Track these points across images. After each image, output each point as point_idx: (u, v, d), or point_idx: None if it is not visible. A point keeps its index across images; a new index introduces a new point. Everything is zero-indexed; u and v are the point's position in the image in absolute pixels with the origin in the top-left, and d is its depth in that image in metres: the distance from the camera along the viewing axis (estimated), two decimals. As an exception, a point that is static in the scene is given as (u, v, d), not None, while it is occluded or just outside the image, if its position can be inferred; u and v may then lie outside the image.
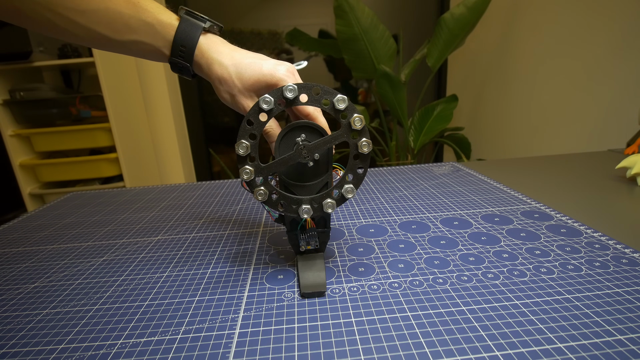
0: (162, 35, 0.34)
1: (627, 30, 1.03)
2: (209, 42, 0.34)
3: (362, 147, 0.32)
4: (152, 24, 0.33)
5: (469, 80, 1.92)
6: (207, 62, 0.34)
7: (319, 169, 0.34)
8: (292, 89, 0.30)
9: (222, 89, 0.35)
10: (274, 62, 0.34)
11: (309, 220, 0.35)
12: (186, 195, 0.66)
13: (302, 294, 0.33)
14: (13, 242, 0.50)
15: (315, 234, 0.36)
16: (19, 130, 1.48)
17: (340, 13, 1.46)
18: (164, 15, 0.33)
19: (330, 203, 0.32)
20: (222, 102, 0.36)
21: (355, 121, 0.31)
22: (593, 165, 0.69)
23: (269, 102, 0.31)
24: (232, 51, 0.34)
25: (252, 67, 0.33)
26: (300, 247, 0.36)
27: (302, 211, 0.32)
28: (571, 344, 0.25)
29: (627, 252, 0.38)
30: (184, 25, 0.33)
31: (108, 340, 0.29)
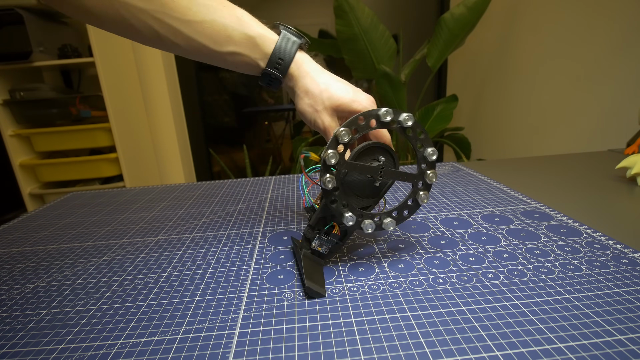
0: (261, 49, 0.35)
1: (627, 30, 1.03)
2: (303, 57, 0.37)
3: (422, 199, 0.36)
4: (254, 37, 0.35)
5: (469, 80, 1.92)
6: (300, 74, 0.36)
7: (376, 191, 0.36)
8: (387, 112, 0.33)
9: (307, 102, 0.36)
10: (355, 90, 0.36)
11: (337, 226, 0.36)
12: (186, 195, 0.66)
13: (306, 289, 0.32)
14: (13, 242, 0.50)
15: (334, 240, 0.37)
16: (19, 130, 1.48)
17: (340, 13, 1.46)
18: (264, 29, 0.35)
19: (390, 222, 0.35)
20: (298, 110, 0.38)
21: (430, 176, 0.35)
22: (593, 165, 0.69)
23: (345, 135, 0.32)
24: (322, 70, 0.37)
25: (341, 91, 0.36)
26: (312, 244, 0.37)
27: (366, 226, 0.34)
28: (571, 344, 0.25)
29: (627, 252, 0.38)
30: (283, 40, 0.35)
31: (108, 340, 0.29)
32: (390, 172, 0.34)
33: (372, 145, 0.35)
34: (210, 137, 2.15)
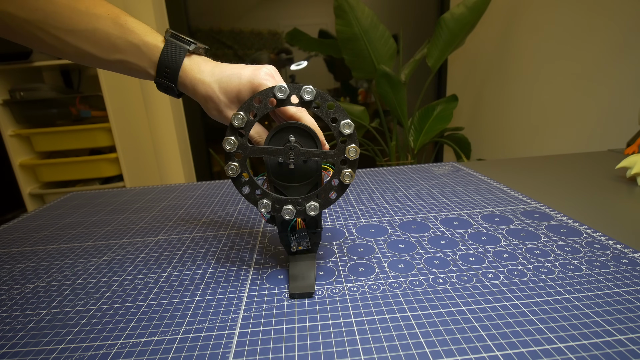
0: (147, 57, 0.35)
1: (627, 30, 1.03)
2: (192, 64, 0.35)
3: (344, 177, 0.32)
4: (138, 45, 0.34)
5: (469, 80, 1.92)
6: (191, 83, 0.35)
7: (308, 171, 0.34)
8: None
9: (210, 107, 0.36)
10: (253, 68, 0.35)
11: (299, 221, 0.35)
12: (186, 195, 0.66)
13: (289, 295, 0.33)
14: (13, 242, 0.50)
15: (307, 234, 0.36)
16: (19, 130, 1.48)
17: (340, 13, 1.46)
18: (149, 37, 0.35)
19: (313, 206, 0.33)
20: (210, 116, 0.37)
21: (350, 151, 0.32)
22: (593, 165, 0.69)
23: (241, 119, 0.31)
24: (212, 67, 0.35)
25: (232, 79, 0.34)
26: (291, 247, 0.36)
27: (284, 212, 0.33)
28: (571, 344, 0.25)
29: (627, 252, 0.38)
30: (168, 48, 0.34)
31: (108, 340, 0.29)
32: (303, 152, 0.32)
33: (283, 127, 0.33)
34: (210, 137, 2.14)
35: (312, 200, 0.33)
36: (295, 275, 0.35)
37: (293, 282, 0.34)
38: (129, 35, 0.34)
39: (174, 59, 0.35)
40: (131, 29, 0.34)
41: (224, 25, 1.98)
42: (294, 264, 0.36)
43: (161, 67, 0.35)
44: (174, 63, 0.35)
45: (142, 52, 0.34)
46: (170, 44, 0.35)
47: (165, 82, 0.35)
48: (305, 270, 0.35)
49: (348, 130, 0.31)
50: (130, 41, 0.34)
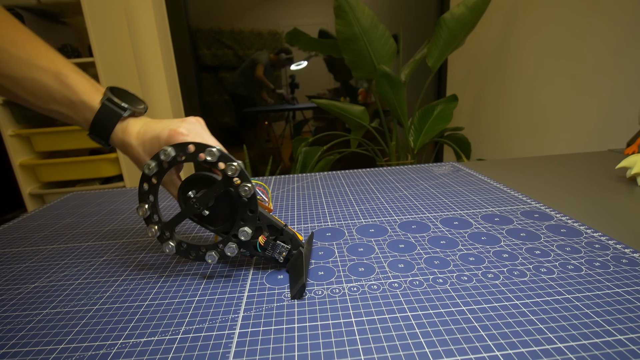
0: (82, 114, 0.36)
1: (627, 30, 1.03)
2: (123, 127, 0.37)
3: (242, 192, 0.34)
4: (75, 103, 0.35)
5: (469, 80, 1.92)
6: (120, 144, 0.37)
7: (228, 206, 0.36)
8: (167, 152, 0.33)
9: (139, 166, 0.37)
10: (174, 127, 0.35)
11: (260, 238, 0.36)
12: (186, 195, 0.66)
13: (291, 298, 0.33)
14: (13, 242, 0.50)
15: (276, 242, 0.36)
16: (19, 130, 1.48)
17: (340, 13, 1.46)
18: (87, 96, 0.35)
19: (231, 247, 0.35)
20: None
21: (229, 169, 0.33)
22: (593, 165, 0.69)
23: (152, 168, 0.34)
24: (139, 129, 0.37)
25: (154, 142, 0.35)
26: (278, 260, 0.37)
27: (208, 257, 0.35)
28: (571, 344, 0.25)
29: (627, 252, 0.38)
30: (103, 111, 0.36)
31: (108, 340, 0.29)
32: (202, 199, 0.34)
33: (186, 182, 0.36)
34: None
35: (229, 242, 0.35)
36: (292, 278, 0.36)
37: (291, 285, 0.35)
38: (67, 91, 0.35)
39: (106, 122, 0.36)
40: (70, 85, 0.35)
41: (224, 25, 1.98)
42: (290, 270, 0.37)
43: (94, 127, 0.36)
44: (105, 128, 0.36)
45: (78, 109, 0.36)
46: (105, 108, 0.36)
47: (97, 139, 0.37)
48: (297, 268, 0.36)
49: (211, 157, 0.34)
50: (68, 97, 0.35)
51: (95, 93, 0.36)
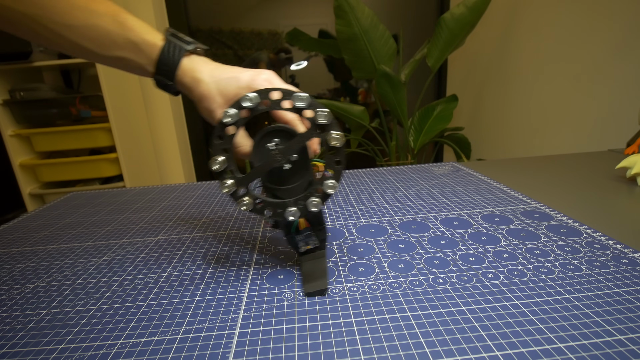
0: (146, 54, 0.35)
1: (627, 30, 1.03)
2: (191, 63, 0.35)
3: (331, 141, 0.32)
4: (137, 43, 0.34)
5: (469, 80, 1.92)
6: (189, 81, 0.35)
7: (299, 169, 0.34)
8: (250, 98, 0.31)
9: (203, 106, 0.36)
10: (252, 72, 0.35)
11: (302, 221, 0.35)
12: (186, 195, 0.66)
13: (305, 294, 0.33)
14: (13, 242, 0.50)
15: (312, 232, 0.36)
16: (19, 130, 1.48)
17: (340, 13, 1.46)
18: (149, 36, 0.35)
19: (314, 202, 0.33)
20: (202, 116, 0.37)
21: (319, 116, 0.31)
22: (593, 165, 0.69)
23: (232, 115, 0.32)
24: (212, 69, 0.35)
25: (231, 82, 0.34)
26: (299, 248, 0.37)
27: (288, 214, 0.33)
28: (571, 344, 0.26)
29: (627, 252, 0.38)
30: (167, 47, 0.35)
31: (108, 340, 0.29)
32: (284, 148, 0.32)
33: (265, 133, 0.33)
34: (210, 137, 2.15)
35: (311, 197, 0.33)
36: (308, 274, 0.35)
37: (307, 281, 0.34)
38: (128, 32, 0.34)
39: (172, 57, 0.35)
40: (130, 26, 0.34)
41: (224, 25, 1.98)
42: (305, 264, 0.36)
43: (160, 65, 0.35)
44: (172, 62, 0.35)
45: (141, 49, 0.34)
46: (170, 43, 0.35)
47: (163, 79, 0.35)
48: (316, 268, 0.35)
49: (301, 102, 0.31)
50: (130, 39, 0.34)
51: (155, 32, 0.35)
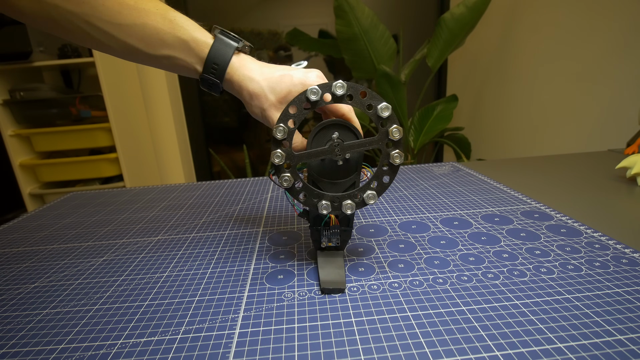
0: (195, 52, 0.35)
1: (627, 30, 1.03)
2: (240, 61, 0.35)
3: (394, 159, 0.32)
4: (187, 41, 0.34)
5: (469, 80, 1.92)
6: (238, 79, 0.35)
7: (349, 168, 0.34)
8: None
9: (254, 104, 0.35)
10: (304, 71, 0.35)
11: (333, 218, 0.35)
12: (186, 195, 0.66)
13: (322, 290, 0.33)
14: (13, 242, 0.50)
15: (338, 231, 0.36)
16: (19, 130, 1.48)
17: (340, 13, 1.46)
18: (199, 33, 0.34)
19: (349, 204, 0.33)
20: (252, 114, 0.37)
21: (393, 132, 0.32)
22: (593, 165, 0.69)
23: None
24: (261, 67, 0.35)
25: (284, 80, 0.34)
26: (321, 243, 0.37)
27: (321, 206, 0.33)
28: (571, 344, 0.25)
29: (627, 252, 0.38)
30: (217, 44, 0.34)
31: (108, 340, 0.29)
32: (347, 146, 0.32)
33: (325, 125, 0.33)
34: (210, 137, 2.14)
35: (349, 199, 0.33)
36: (326, 270, 0.35)
37: (324, 277, 0.34)
38: (178, 30, 0.34)
39: (222, 55, 0.34)
40: (180, 24, 0.34)
41: (224, 25, 1.97)
42: (323, 260, 0.36)
43: (209, 63, 0.35)
44: (222, 60, 0.34)
45: (191, 47, 0.34)
46: (219, 41, 0.35)
47: (211, 78, 0.35)
48: (335, 266, 0.35)
49: (386, 112, 0.31)
50: (179, 37, 0.34)
51: (204, 30, 0.35)
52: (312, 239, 0.38)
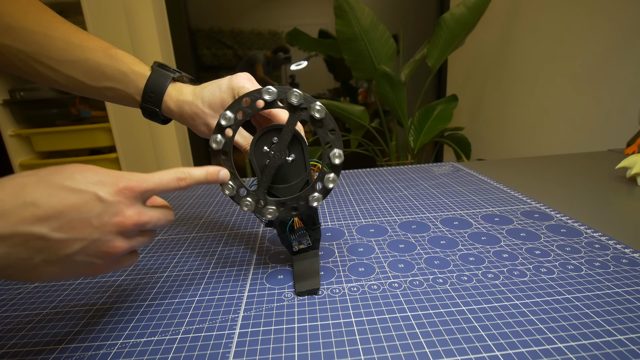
0: (134, 83, 0.37)
1: (627, 30, 1.03)
2: (176, 89, 0.38)
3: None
4: (127, 73, 0.37)
5: (469, 80, 1.92)
6: (176, 105, 0.37)
7: (297, 168, 0.34)
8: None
9: (198, 123, 0.37)
10: (230, 76, 0.36)
11: (296, 221, 0.36)
12: (186, 195, 0.66)
13: (296, 293, 0.33)
14: (13, 242, 0.50)
15: (305, 232, 0.36)
16: (19, 130, 1.48)
17: (340, 13, 1.46)
18: (137, 67, 0.37)
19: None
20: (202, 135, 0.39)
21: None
22: (593, 165, 0.69)
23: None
24: (193, 88, 0.38)
25: (214, 91, 0.36)
26: (293, 247, 0.37)
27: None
28: (571, 344, 0.25)
29: (627, 252, 0.38)
30: (154, 75, 0.37)
31: (108, 340, 0.29)
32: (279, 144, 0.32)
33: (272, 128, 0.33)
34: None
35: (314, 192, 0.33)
36: (300, 273, 0.35)
37: (298, 281, 0.34)
38: (118, 64, 0.37)
39: (158, 85, 0.37)
40: (121, 58, 0.37)
41: (224, 25, 1.98)
42: (297, 263, 0.37)
43: (146, 92, 0.37)
44: (158, 88, 0.37)
45: (130, 79, 0.37)
46: (156, 72, 0.37)
47: (150, 106, 0.38)
48: (309, 267, 0.36)
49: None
50: (119, 69, 0.36)
51: (143, 64, 0.38)
52: (284, 246, 0.38)
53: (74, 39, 0.36)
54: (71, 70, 0.36)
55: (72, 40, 0.35)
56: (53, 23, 0.35)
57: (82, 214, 0.23)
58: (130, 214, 0.25)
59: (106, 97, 0.38)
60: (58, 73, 0.36)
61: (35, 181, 0.23)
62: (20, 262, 0.22)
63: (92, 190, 0.24)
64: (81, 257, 0.24)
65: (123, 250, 0.25)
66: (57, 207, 0.22)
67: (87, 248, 0.24)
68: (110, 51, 0.37)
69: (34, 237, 0.22)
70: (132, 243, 0.26)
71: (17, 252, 0.21)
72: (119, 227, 0.25)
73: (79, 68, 0.36)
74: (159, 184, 0.27)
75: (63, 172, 0.24)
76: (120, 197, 0.25)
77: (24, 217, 0.21)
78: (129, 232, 0.26)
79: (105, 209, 0.24)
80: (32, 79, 0.37)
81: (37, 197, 0.22)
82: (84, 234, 0.23)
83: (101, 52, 0.36)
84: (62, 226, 0.22)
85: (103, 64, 0.36)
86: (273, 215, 0.33)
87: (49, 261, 0.23)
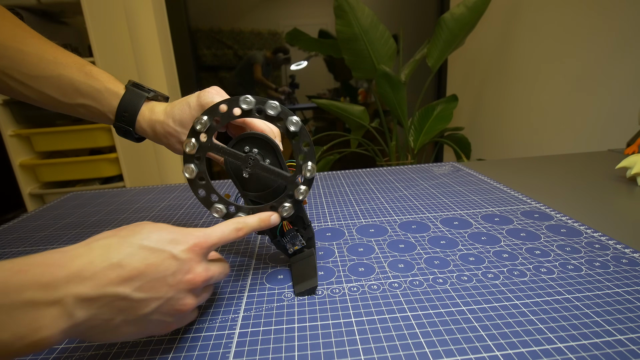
0: (108, 101, 0.37)
1: (627, 30, 1.03)
2: (150, 108, 0.37)
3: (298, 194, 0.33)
4: (101, 91, 0.36)
5: (469, 80, 1.92)
6: (148, 125, 0.37)
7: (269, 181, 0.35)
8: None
9: (172, 142, 0.37)
10: (198, 93, 0.36)
11: (285, 223, 0.36)
12: (186, 195, 0.66)
13: (295, 294, 0.33)
14: (13, 242, 0.50)
15: (297, 233, 0.37)
16: (19, 130, 1.48)
17: (340, 13, 1.46)
18: (112, 85, 0.37)
19: (286, 208, 0.34)
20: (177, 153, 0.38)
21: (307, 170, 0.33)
22: (593, 165, 0.69)
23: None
24: (165, 107, 0.37)
25: (183, 109, 0.36)
26: (287, 250, 0.37)
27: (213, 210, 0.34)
28: (571, 344, 0.26)
29: (627, 252, 0.38)
30: (128, 95, 0.37)
31: (108, 340, 0.29)
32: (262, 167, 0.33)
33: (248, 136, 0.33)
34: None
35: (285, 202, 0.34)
36: (298, 275, 0.35)
37: (297, 282, 0.35)
38: (92, 81, 0.36)
39: (132, 104, 0.37)
40: (95, 76, 0.37)
41: (224, 25, 1.98)
42: (294, 265, 0.37)
43: (120, 111, 0.37)
44: (132, 108, 0.37)
45: (104, 96, 0.37)
46: (130, 91, 0.37)
47: (123, 125, 0.37)
48: (305, 267, 0.36)
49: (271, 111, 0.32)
50: (93, 86, 0.36)
51: (118, 82, 0.38)
52: (280, 250, 0.38)
53: (47, 55, 0.35)
54: (44, 86, 0.36)
55: (45, 56, 0.35)
56: (27, 39, 0.35)
57: (160, 273, 0.24)
58: (199, 271, 0.26)
59: (79, 114, 0.38)
60: (30, 88, 0.36)
61: (118, 242, 0.23)
62: (104, 323, 0.22)
63: (168, 249, 0.24)
64: (156, 316, 0.24)
65: (192, 307, 0.26)
66: (139, 267, 0.23)
67: (162, 307, 0.24)
68: (85, 68, 0.36)
69: (119, 297, 0.22)
70: (199, 300, 0.27)
71: (103, 314, 0.22)
72: (191, 284, 0.25)
73: (52, 84, 0.36)
74: (222, 237, 0.28)
75: (140, 232, 0.25)
76: (191, 254, 0.26)
77: (111, 278, 0.22)
78: (198, 289, 0.26)
79: (179, 267, 0.25)
80: (4, 93, 0.37)
81: (121, 257, 0.23)
82: (160, 293, 0.24)
83: (75, 69, 0.36)
84: (143, 286, 0.23)
85: (77, 80, 0.36)
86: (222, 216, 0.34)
87: (128, 321, 0.23)
